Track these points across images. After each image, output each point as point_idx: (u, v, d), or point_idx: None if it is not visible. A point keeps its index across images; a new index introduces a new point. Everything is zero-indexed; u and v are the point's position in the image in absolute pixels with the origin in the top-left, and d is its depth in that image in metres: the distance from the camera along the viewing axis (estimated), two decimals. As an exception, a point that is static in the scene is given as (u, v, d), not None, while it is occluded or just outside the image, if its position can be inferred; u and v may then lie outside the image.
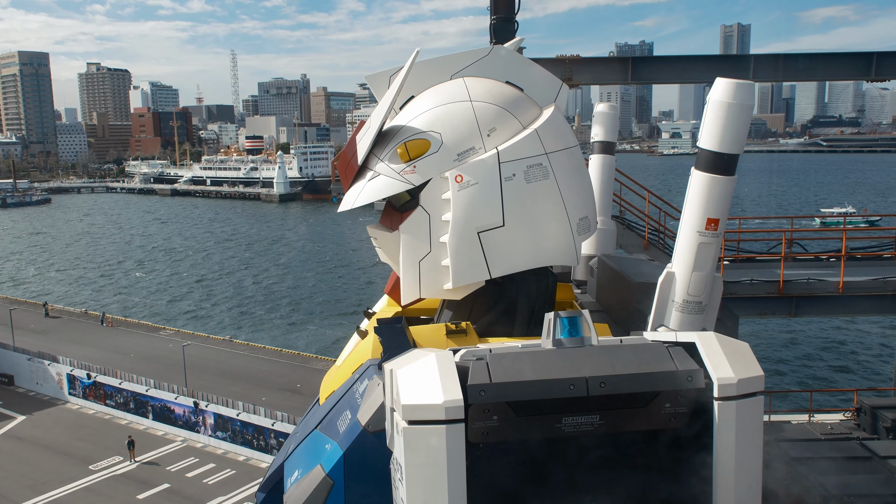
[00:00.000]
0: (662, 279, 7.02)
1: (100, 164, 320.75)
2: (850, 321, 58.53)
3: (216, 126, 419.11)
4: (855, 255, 17.05)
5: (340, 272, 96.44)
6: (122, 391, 48.64)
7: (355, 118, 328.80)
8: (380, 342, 6.38)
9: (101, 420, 48.61)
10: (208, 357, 55.28)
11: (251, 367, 53.58)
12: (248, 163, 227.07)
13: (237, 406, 43.41)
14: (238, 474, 40.53)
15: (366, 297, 77.27)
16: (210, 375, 51.00)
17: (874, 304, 15.72)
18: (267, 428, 41.86)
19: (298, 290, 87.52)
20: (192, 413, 45.17)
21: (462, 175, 6.34)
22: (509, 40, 15.56)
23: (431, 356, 4.46)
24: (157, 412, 46.98)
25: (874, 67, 15.88)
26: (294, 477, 6.57)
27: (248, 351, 58.46)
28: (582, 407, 4.48)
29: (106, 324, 65.71)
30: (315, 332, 68.64)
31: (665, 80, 18.03)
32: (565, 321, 4.74)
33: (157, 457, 42.88)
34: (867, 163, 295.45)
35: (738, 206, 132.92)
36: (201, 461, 42.21)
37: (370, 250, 39.10)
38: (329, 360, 55.36)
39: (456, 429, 4.20)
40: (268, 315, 76.31)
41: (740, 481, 4.54)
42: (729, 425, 4.49)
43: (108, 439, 44.85)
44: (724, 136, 6.40)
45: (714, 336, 4.78)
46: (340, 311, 75.73)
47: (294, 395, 47.77)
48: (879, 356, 53.31)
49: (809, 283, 15.04)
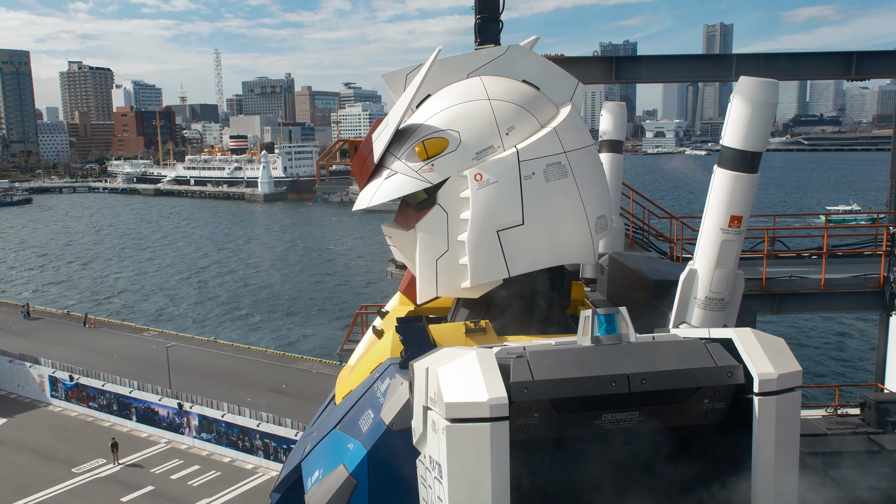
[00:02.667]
0: (685, 276, 7.04)
1: (82, 164, 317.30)
2: (831, 317, 59.15)
3: (200, 125, 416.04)
4: (836, 253, 17.23)
5: (324, 272, 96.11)
6: (105, 393, 48.19)
7: (340, 117, 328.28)
8: (400, 341, 6.35)
9: (83, 422, 48.16)
10: (192, 358, 54.92)
11: (236, 368, 53.30)
12: (233, 162, 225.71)
13: (222, 407, 43.15)
14: (223, 476, 40.29)
15: (350, 297, 77.14)
16: (194, 376, 50.68)
17: (854, 301, 15.93)
18: (252, 429, 41.65)
19: (283, 290, 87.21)
20: (177, 414, 44.86)
21: (482, 173, 6.33)
22: (494, 39, 15.63)
23: (472, 353, 4.42)
24: (140, 414, 46.60)
25: (854, 67, 16.07)
26: (315, 477, 6.56)
27: (232, 351, 58.14)
28: (622, 403, 4.50)
29: (88, 325, 65.09)
30: (300, 333, 68.43)
31: (648, 79, 18.14)
32: (602, 318, 4.74)
33: (141, 459, 42.54)
34: (847, 161, 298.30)
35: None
36: (186, 463, 41.91)
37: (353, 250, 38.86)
38: (314, 360, 55.24)
39: (500, 426, 4.16)
40: (252, 315, 75.96)
41: (779, 475, 4.56)
42: (769, 420, 4.51)
43: (91, 441, 44.44)
44: (748, 134, 6.44)
45: (751, 332, 4.78)
46: (325, 311, 75.53)
47: (279, 396, 47.58)
48: (858, 351, 53.95)
49: (792, 280, 15.19)
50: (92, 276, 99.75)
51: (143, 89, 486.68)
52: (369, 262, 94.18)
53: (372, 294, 71.99)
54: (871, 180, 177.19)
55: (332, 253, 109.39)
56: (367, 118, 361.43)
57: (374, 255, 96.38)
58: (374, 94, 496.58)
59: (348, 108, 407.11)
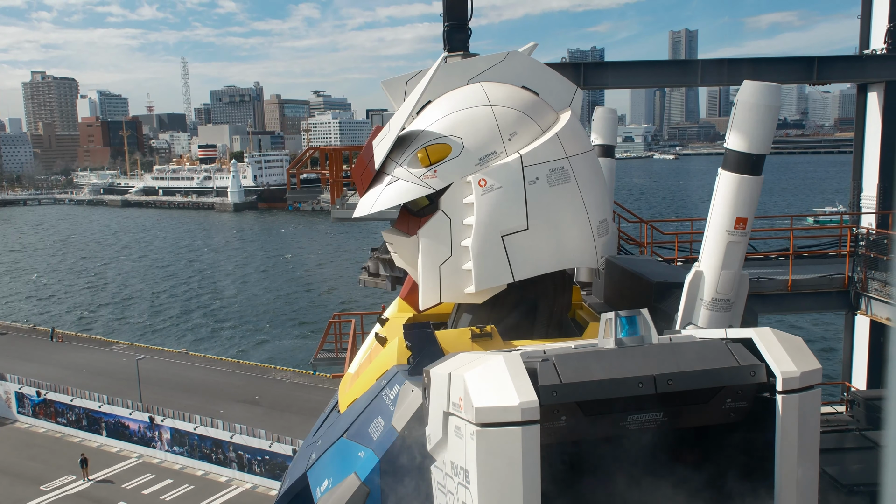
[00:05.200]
0: (691, 278, 7.13)
1: (46, 176, 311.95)
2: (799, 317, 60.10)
3: (168, 135, 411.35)
4: (802, 254, 17.55)
5: (296, 281, 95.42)
6: (73, 408, 47.29)
7: (310, 125, 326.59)
8: (407, 347, 6.35)
9: (51, 438, 47.18)
10: (163, 370, 54.19)
11: (208, 380, 52.71)
12: (202, 172, 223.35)
13: (194, 420, 42.59)
14: (196, 489, 39.75)
15: (322, 305, 76.69)
16: (166, 389, 50.00)
17: (821, 301, 16.24)
18: (225, 441, 41.14)
19: (254, 299, 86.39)
20: (148, 428, 44.16)
21: (486, 179, 6.36)
22: (463, 46, 15.71)
23: (499, 358, 4.42)
24: (110, 428, 45.80)
25: (816, 71, 16.42)
26: (325, 486, 6.54)
27: (204, 363, 57.47)
28: (647, 405, 4.55)
29: (56, 339, 63.91)
30: (272, 343, 67.83)
31: (616, 85, 18.35)
32: (624, 320, 4.77)
33: (112, 474, 41.78)
34: (811, 163, 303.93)
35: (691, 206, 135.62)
36: (158, 477, 41.27)
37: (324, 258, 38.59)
38: (287, 370, 54.81)
39: (531, 430, 4.16)
40: (223, 326, 75.16)
41: (802, 471, 4.64)
42: (792, 417, 4.59)
43: (59, 458, 43.55)
44: (752, 137, 6.55)
45: (771, 331, 4.86)
46: (297, 321, 74.98)
47: (253, 407, 47.13)
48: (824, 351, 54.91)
49: (760, 281, 15.43)
50: (60, 290, 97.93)
51: (109, 99, 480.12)
52: (341, 270, 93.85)
53: (344, 303, 71.72)
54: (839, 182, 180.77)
55: (303, 262, 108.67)
56: (338, 126, 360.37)
57: (345, 263, 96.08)
58: (343, 102, 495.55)
59: (318, 116, 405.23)
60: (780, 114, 6.87)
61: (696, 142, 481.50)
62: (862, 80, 18.33)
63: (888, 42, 17.22)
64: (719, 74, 17.55)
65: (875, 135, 17.90)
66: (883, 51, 17.43)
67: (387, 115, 16.33)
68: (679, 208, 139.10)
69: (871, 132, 18.16)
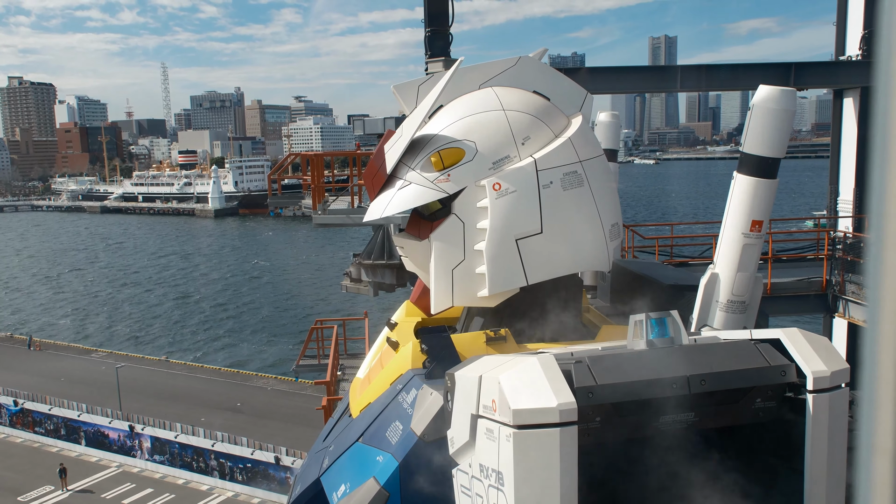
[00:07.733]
0: (706, 280, 7.19)
1: (24, 182, 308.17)
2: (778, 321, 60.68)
3: (147, 141, 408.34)
4: (781, 258, 17.75)
5: (277, 287, 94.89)
6: (52, 417, 46.70)
7: (291, 131, 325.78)
8: (423, 351, 6.37)
9: (29, 448, 46.55)
10: (143, 378, 53.70)
11: (189, 387, 52.29)
12: (182, 178, 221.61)
13: (175, 428, 42.22)
14: (177, 498, 39.38)
15: (304, 312, 76.30)
16: (146, 397, 49.55)
17: (799, 304, 16.46)
18: (207, 449, 40.81)
19: (235, 306, 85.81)
20: (128, 437, 43.71)
21: (500, 183, 6.39)
22: (444, 52, 15.76)
23: (534, 359, 4.42)
24: (90, 438, 45.27)
25: (793, 77, 16.63)
26: (342, 490, 6.52)
27: (185, 371, 57.00)
28: (680, 405, 4.57)
29: (34, 347, 63.11)
30: (254, 349, 67.36)
31: (596, 90, 18.34)
32: (654, 322, 4.79)
33: (92, 484, 41.29)
34: (787, 168, 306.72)
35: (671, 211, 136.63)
36: (138, 486, 40.83)
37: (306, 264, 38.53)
38: (269, 377, 54.49)
39: (569, 431, 4.16)
40: (204, 333, 74.58)
41: (831, 472, 4.67)
42: (822, 417, 4.62)
43: (38, 468, 42.97)
44: (767, 141, 6.65)
45: (798, 331, 4.90)
46: (278, 327, 74.53)
47: (235, 415, 46.80)
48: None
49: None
50: (38, 297, 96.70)
51: (88, 104, 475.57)
52: (322, 276, 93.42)
53: (326, 309, 71.42)
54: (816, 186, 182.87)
55: (284, 268, 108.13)
56: (319, 131, 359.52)
57: (327, 269, 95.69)
58: (325, 108, 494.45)
59: (299, 121, 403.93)
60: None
61: (676, 146, 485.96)
62: (838, 86, 18.61)
63: (863, 48, 17.50)
64: (698, 80, 17.74)
65: (851, 139, 18.17)
66: (858, 57, 17.70)
67: (369, 121, 16.31)
68: (661, 213, 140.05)
69: (848, 137, 18.43)
